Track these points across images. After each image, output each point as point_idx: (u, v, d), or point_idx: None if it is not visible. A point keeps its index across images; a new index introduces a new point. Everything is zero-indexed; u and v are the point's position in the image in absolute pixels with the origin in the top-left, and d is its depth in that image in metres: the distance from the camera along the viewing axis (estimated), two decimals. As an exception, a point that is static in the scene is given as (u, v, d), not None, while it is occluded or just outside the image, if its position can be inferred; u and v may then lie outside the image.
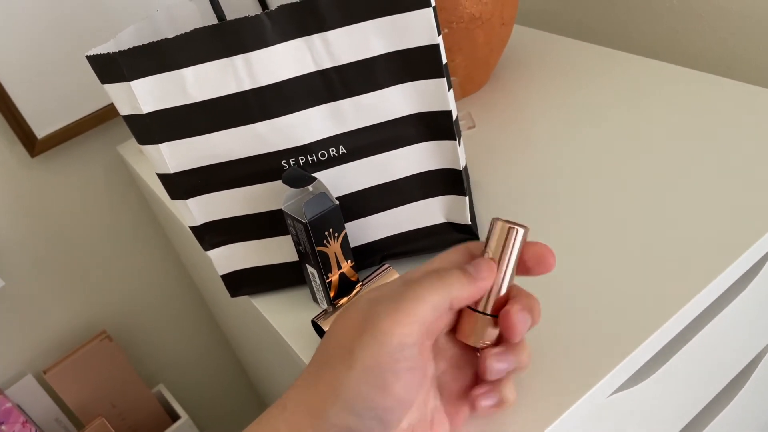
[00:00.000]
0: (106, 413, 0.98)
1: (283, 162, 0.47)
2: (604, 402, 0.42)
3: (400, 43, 0.44)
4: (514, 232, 0.36)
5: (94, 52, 0.44)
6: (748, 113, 0.58)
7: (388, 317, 0.32)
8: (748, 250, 0.46)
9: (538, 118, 0.66)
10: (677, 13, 0.82)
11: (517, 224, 0.36)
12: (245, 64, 0.43)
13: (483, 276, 0.35)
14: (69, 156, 0.87)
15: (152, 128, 0.46)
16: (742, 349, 0.55)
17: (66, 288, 0.95)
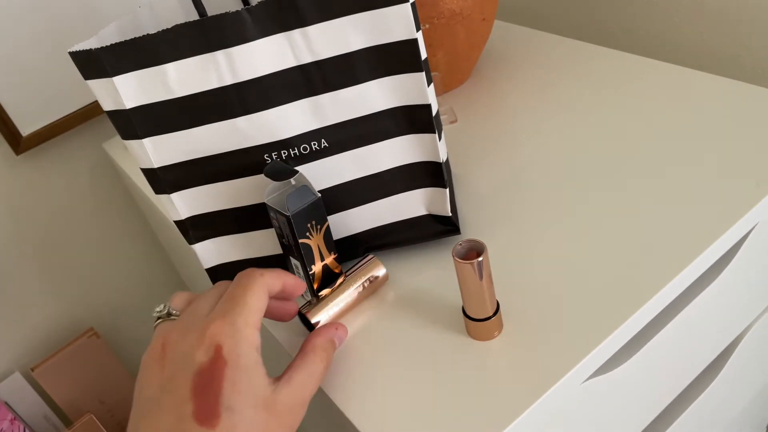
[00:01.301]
0: (94, 410, 0.99)
1: (266, 156, 0.48)
2: (580, 387, 0.44)
3: (379, 38, 0.44)
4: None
5: (76, 48, 0.44)
6: (726, 106, 0.60)
7: None
8: (720, 237, 0.47)
9: (519, 112, 0.67)
10: (656, 8, 0.83)
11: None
12: (226, 60, 0.44)
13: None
14: (54, 153, 0.88)
15: (135, 123, 0.46)
16: (717, 336, 0.57)
17: (53, 285, 0.96)
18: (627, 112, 0.62)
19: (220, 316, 0.36)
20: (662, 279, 0.45)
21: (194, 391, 0.33)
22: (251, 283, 0.38)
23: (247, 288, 0.38)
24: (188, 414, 0.33)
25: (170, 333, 0.36)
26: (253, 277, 0.39)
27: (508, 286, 0.48)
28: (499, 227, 0.53)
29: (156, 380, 0.35)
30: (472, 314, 0.43)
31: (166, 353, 0.36)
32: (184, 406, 0.33)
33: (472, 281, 0.41)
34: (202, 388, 0.33)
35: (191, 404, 0.33)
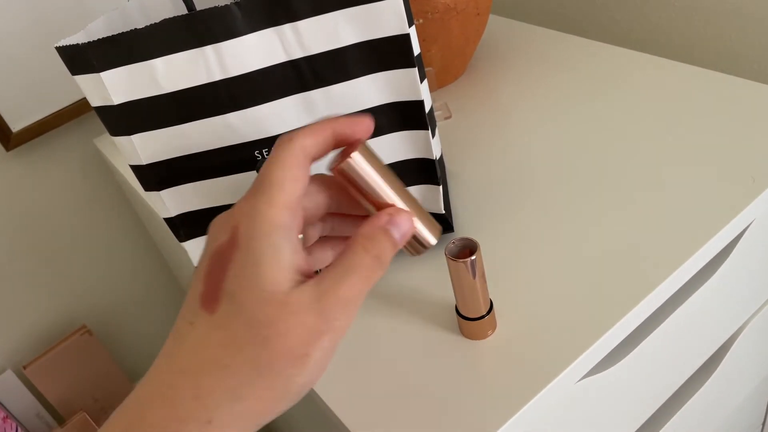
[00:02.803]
0: (87, 408, 0.98)
1: (256, 152, 0.47)
2: (574, 387, 0.43)
3: (370, 33, 0.44)
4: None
5: (63, 43, 0.43)
6: (722, 102, 0.59)
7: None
8: (715, 235, 0.47)
9: (514, 108, 0.66)
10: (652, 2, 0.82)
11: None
12: (216, 55, 0.43)
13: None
14: (45, 149, 0.87)
15: (123, 119, 0.45)
16: (712, 334, 0.56)
17: (45, 283, 0.95)
18: (622, 107, 0.62)
19: (247, 196, 0.31)
20: (657, 278, 0.45)
21: (206, 271, 0.31)
22: (275, 155, 0.32)
23: (272, 161, 0.31)
24: (198, 294, 0.30)
25: (221, 214, 0.33)
26: (281, 146, 0.32)
27: (501, 284, 0.47)
28: (493, 225, 0.53)
29: (200, 259, 0.33)
30: (465, 313, 0.43)
31: (209, 232, 0.33)
32: (197, 286, 0.31)
33: (465, 280, 0.41)
34: (211, 269, 0.30)
35: (201, 284, 0.30)
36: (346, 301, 0.30)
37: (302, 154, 0.32)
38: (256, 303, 0.29)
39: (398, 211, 0.33)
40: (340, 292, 0.30)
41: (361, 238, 0.32)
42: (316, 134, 0.32)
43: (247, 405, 0.29)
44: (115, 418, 0.30)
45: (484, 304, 0.42)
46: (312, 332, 0.29)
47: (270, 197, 0.30)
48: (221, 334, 0.29)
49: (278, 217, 0.30)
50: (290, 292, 0.29)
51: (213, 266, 0.30)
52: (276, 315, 0.29)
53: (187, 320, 0.30)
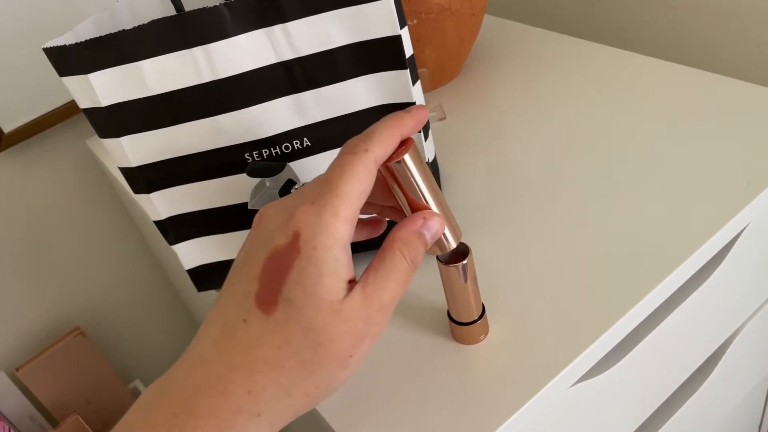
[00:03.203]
0: (80, 410, 0.98)
1: (247, 155, 0.47)
2: (567, 392, 0.43)
3: (361, 35, 0.43)
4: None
5: (51, 44, 0.43)
6: (718, 103, 0.59)
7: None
8: (710, 239, 0.46)
9: (509, 108, 0.66)
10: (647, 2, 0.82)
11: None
12: (205, 56, 0.43)
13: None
14: (38, 150, 0.86)
15: (112, 121, 0.45)
16: (707, 338, 0.56)
17: (38, 284, 0.94)
18: (618, 109, 0.61)
19: (310, 200, 0.32)
20: (652, 281, 0.44)
21: (263, 271, 0.32)
22: (349, 164, 0.32)
23: (344, 170, 0.32)
24: (252, 292, 0.32)
25: (272, 206, 0.34)
26: (355, 156, 0.32)
27: (494, 287, 0.47)
28: (487, 228, 0.52)
29: (246, 249, 0.34)
30: (457, 318, 0.42)
31: (259, 225, 0.34)
32: (251, 284, 0.32)
33: (457, 284, 0.40)
34: (269, 271, 0.31)
35: (257, 284, 0.32)
36: (387, 306, 0.32)
37: (374, 167, 0.33)
38: (314, 311, 0.31)
39: (431, 215, 0.35)
40: (383, 299, 0.32)
41: (399, 243, 0.33)
42: (389, 144, 0.33)
43: (294, 400, 0.31)
44: (157, 403, 0.31)
45: (476, 309, 0.42)
46: (358, 336, 0.32)
47: (336, 210, 0.31)
48: (277, 337, 0.31)
49: (341, 231, 0.31)
50: (343, 301, 0.31)
51: (270, 268, 0.31)
52: (330, 322, 0.31)
53: (240, 316, 0.31)
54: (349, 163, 0.32)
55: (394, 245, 0.33)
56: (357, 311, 0.31)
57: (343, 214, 0.31)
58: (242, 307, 0.32)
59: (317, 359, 0.31)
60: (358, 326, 0.31)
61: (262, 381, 0.31)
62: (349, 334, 0.31)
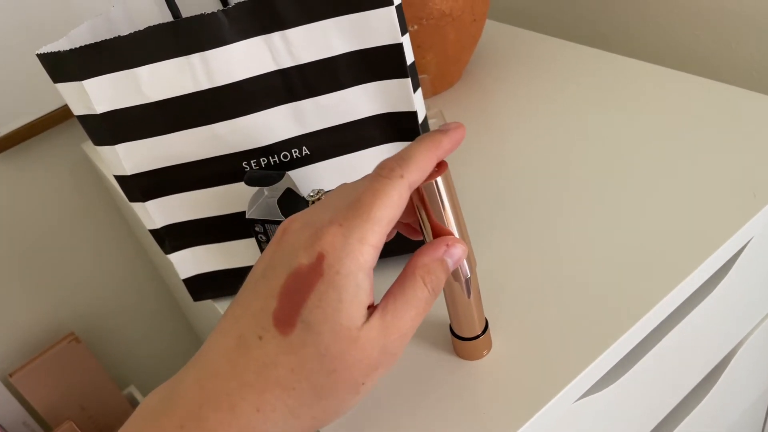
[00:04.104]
0: (75, 416, 0.97)
1: (244, 163, 0.46)
2: (571, 407, 0.42)
3: (362, 43, 0.42)
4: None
5: (44, 50, 0.42)
6: (723, 113, 0.58)
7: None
8: (714, 253, 0.46)
9: (510, 115, 0.65)
10: (650, 8, 0.81)
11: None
12: (202, 63, 0.42)
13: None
14: (33, 154, 0.85)
15: (107, 129, 0.44)
16: (711, 350, 0.55)
17: (32, 289, 0.93)
18: (620, 116, 0.61)
19: (338, 221, 0.31)
20: (656, 295, 0.44)
21: (283, 289, 0.31)
22: (383, 190, 0.31)
23: (377, 195, 0.31)
24: (270, 310, 0.31)
25: (296, 220, 0.33)
26: (390, 181, 0.31)
27: (496, 301, 0.46)
28: (488, 238, 0.51)
29: (265, 261, 0.33)
30: (459, 333, 0.41)
31: (282, 239, 0.33)
32: (269, 300, 0.31)
33: (459, 299, 0.39)
34: (289, 291, 0.31)
35: (276, 301, 0.31)
36: (404, 335, 0.32)
37: (408, 193, 0.32)
38: (331, 337, 0.30)
39: (454, 241, 0.34)
40: (402, 328, 0.32)
41: (421, 270, 0.33)
42: (425, 169, 0.32)
43: (301, 422, 0.31)
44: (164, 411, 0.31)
45: (480, 324, 0.41)
46: (372, 365, 0.31)
47: (364, 235, 0.30)
48: (292, 359, 0.30)
49: (366, 257, 0.30)
50: (361, 328, 0.30)
51: (291, 288, 0.31)
52: (346, 350, 0.30)
53: (256, 333, 0.31)
54: (383, 188, 0.31)
55: (416, 272, 0.33)
56: (374, 340, 0.31)
57: (371, 240, 0.31)
58: (259, 324, 0.31)
59: (329, 385, 0.30)
60: (373, 355, 0.31)
61: (272, 401, 0.30)
62: (364, 362, 0.31)
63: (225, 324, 0.32)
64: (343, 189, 0.34)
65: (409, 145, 0.33)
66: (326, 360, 0.30)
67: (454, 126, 0.34)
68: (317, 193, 0.38)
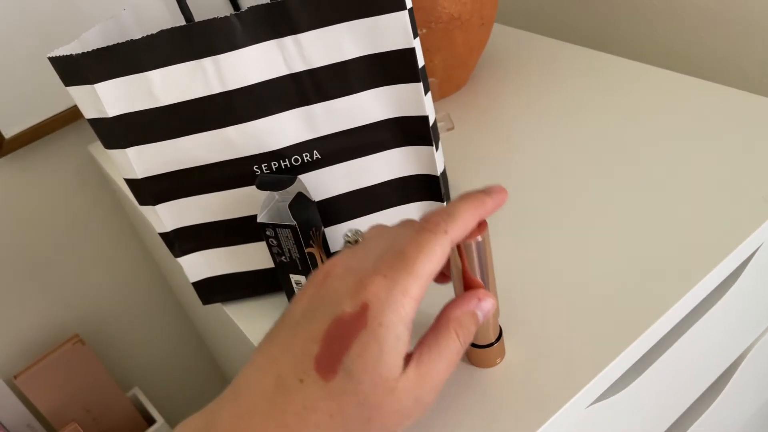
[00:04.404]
0: (79, 418, 0.96)
1: (255, 167, 0.46)
2: (583, 413, 0.42)
3: (374, 47, 0.42)
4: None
5: (56, 54, 0.42)
6: (732, 117, 0.58)
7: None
8: (724, 259, 0.45)
9: (518, 118, 0.65)
10: (658, 12, 0.81)
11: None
12: (214, 67, 0.42)
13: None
14: (38, 156, 0.85)
15: (118, 132, 0.44)
16: (719, 356, 0.55)
17: (37, 291, 0.93)
18: (628, 120, 0.60)
19: (382, 272, 0.32)
20: (667, 301, 0.44)
21: (326, 334, 0.32)
22: (428, 244, 0.32)
23: (422, 250, 0.32)
24: (312, 354, 0.32)
25: (338, 264, 0.34)
26: (434, 236, 0.32)
27: (508, 307, 0.46)
28: (498, 243, 0.51)
29: (305, 303, 0.34)
30: (473, 340, 0.41)
31: (324, 283, 0.34)
32: (311, 344, 0.32)
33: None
34: (333, 337, 0.31)
35: (318, 346, 0.31)
36: (437, 385, 0.33)
37: (450, 248, 0.33)
38: (371, 387, 0.31)
39: (485, 295, 0.36)
40: (435, 379, 0.33)
41: (454, 323, 0.34)
42: (468, 227, 0.34)
43: None
44: None
45: (494, 332, 0.41)
46: (406, 414, 0.32)
47: (407, 288, 0.31)
48: (332, 405, 0.31)
49: (408, 309, 0.32)
50: (398, 379, 0.31)
51: (334, 334, 0.31)
52: (384, 399, 0.31)
53: (297, 376, 0.31)
54: (428, 243, 0.32)
55: (450, 325, 0.34)
56: (409, 391, 0.32)
57: (414, 293, 0.32)
58: (300, 367, 0.31)
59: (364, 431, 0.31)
60: (408, 405, 0.32)
61: None
62: (400, 412, 0.32)
63: (261, 361, 0.33)
64: (383, 234, 0.35)
65: (454, 202, 0.34)
66: (364, 409, 0.31)
67: (497, 189, 0.36)
68: (354, 234, 0.38)
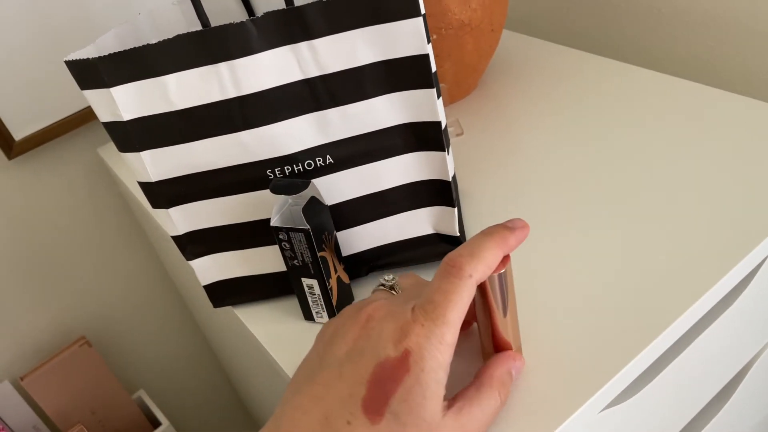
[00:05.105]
0: (85, 420, 0.96)
1: (268, 171, 0.46)
2: (596, 418, 0.42)
3: (388, 53, 0.43)
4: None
5: (73, 57, 0.42)
6: (745, 126, 0.58)
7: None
8: (735, 266, 0.46)
9: (526, 124, 0.65)
10: (665, 20, 0.82)
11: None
12: (230, 72, 0.42)
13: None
14: (48, 158, 0.85)
15: (133, 136, 0.44)
16: (728, 364, 0.55)
17: (44, 293, 0.93)
18: (637, 127, 0.61)
19: (420, 320, 0.34)
20: (679, 307, 0.44)
21: (372, 378, 0.33)
22: (456, 292, 0.34)
23: (450, 298, 0.34)
24: (359, 397, 0.33)
25: (380, 309, 0.36)
26: (461, 282, 0.34)
27: (520, 314, 0.46)
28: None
29: (349, 342, 0.35)
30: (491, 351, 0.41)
31: (367, 325, 0.35)
32: (358, 387, 0.33)
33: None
34: (379, 380, 0.33)
35: (365, 389, 0.33)
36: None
37: (474, 288, 0.35)
38: (414, 430, 0.32)
39: (518, 356, 0.40)
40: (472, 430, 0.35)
41: (497, 382, 0.37)
42: (491, 267, 0.35)
43: None
44: None
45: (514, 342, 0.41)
46: None
47: (443, 336, 0.33)
48: None
49: (445, 355, 0.33)
50: (439, 424, 0.33)
51: (380, 378, 0.33)
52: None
53: (344, 417, 0.33)
54: (456, 290, 0.34)
55: (493, 383, 0.37)
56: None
57: (448, 340, 0.34)
58: (347, 409, 0.33)
59: None
60: None
61: None
62: None
63: (304, 401, 0.34)
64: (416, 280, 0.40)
65: (477, 240, 0.35)
66: None
67: (520, 225, 0.37)
68: (392, 279, 0.40)
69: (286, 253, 0.46)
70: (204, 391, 1.18)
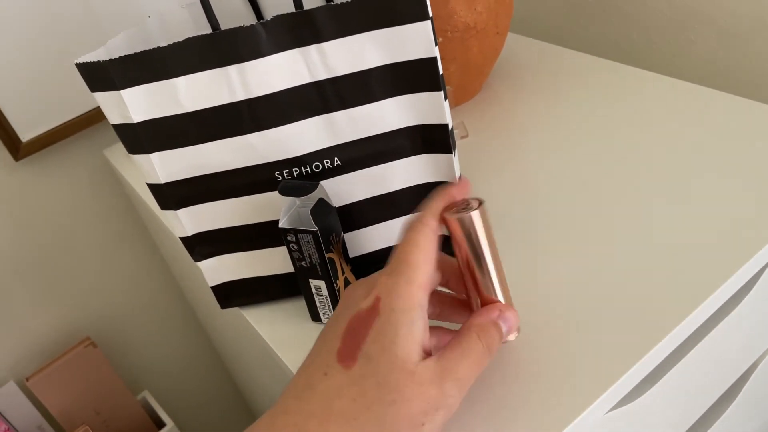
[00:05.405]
0: (89, 421, 0.97)
1: (277, 173, 0.46)
2: (603, 418, 0.42)
3: (397, 56, 0.43)
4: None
5: (83, 60, 0.43)
6: (752, 130, 0.58)
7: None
8: (741, 267, 0.46)
9: (531, 127, 0.66)
10: (670, 23, 0.82)
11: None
12: (239, 75, 0.43)
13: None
14: (54, 159, 0.86)
15: (143, 138, 0.45)
16: (735, 363, 0.56)
17: (49, 293, 0.94)
18: (640, 129, 0.61)
19: (387, 272, 0.36)
20: (685, 308, 0.44)
21: (346, 330, 0.35)
22: (414, 238, 0.36)
23: (407, 243, 0.36)
24: (334, 349, 0.35)
25: (358, 283, 0.38)
26: (416, 229, 0.37)
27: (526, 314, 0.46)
28: (509, 249, 0.52)
29: (333, 315, 0.38)
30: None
31: (344, 297, 0.38)
32: (334, 342, 0.35)
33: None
34: (351, 330, 0.35)
35: (339, 342, 0.35)
36: (461, 381, 0.34)
37: (433, 236, 0.37)
38: (388, 367, 0.33)
39: (506, 308, 0.39)
40: (458, 373, 0.34)
41: (476, 327, 0.37)
42: (437, 210, 0.38)
43: None
44: None
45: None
46: (431, 404, 0.33)
47: (409, 278, 0.35)
48: (354, 390, 0.33)
49: (416, 296, 0.35)
50: (417, 364, 0.33)
51: (353, 328, 0.35)
52: (403, 382, 0.33)
53: (322, 370, 0.34)
54: (411, 238, 0.36)
55: (471, 329, 0.37)
56: (431, 377, 0.33)
57: (416, 281, 0.35)
58: (324, 362, 0.35)
59: (389, 418, 0.32)
60: (431, 392, 0.33)
61: (335, 430, 0.32)
62: (422, 397, 0.33)
63: (297, 373, 0.37)
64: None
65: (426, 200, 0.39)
66: (384, 389, 0.33)
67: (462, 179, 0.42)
68: None
69: (294, 254, 0.46)
70: (208, 391, 1.18)
